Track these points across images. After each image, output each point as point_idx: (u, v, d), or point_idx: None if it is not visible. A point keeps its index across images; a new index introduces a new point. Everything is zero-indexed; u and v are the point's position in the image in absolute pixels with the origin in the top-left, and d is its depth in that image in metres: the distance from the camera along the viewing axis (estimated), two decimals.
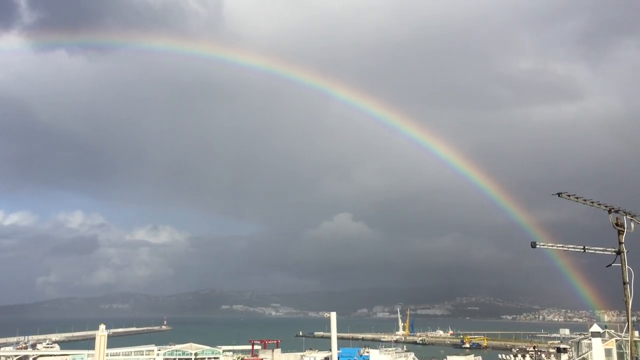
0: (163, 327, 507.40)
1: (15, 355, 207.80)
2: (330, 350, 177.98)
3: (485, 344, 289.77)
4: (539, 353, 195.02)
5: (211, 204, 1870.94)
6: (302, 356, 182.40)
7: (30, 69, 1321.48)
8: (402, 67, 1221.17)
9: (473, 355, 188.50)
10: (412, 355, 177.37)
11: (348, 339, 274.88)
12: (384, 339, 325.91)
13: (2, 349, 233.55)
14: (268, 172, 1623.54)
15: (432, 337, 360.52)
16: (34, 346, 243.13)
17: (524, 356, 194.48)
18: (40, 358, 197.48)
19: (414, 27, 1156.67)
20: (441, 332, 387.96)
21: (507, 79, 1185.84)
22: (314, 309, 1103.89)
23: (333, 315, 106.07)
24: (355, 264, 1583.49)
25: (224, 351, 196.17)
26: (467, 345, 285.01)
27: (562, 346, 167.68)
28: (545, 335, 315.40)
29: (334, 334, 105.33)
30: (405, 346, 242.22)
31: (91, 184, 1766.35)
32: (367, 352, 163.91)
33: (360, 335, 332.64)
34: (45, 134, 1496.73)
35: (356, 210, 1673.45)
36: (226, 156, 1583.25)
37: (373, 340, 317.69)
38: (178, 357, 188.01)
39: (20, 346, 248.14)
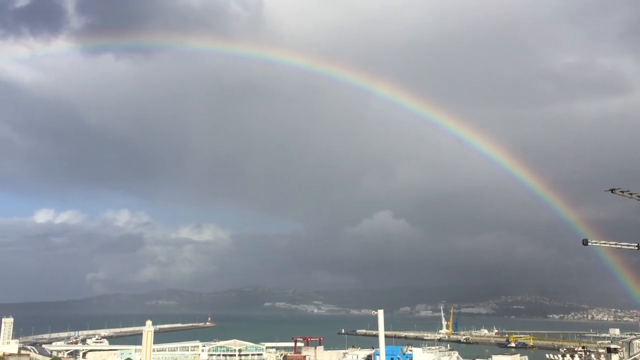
0: (207, 323, 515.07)
1: (67, 350, 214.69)
2: (372, 347, 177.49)
3: (531, 344, 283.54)
4: (588, 353, 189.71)
5: (253, 202, 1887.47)
6: (344, 354, 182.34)
7: (79, 73, 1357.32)
8: (442, 64, 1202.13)
9: (519, 354, 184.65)
10: (456, 354, 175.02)
11: (390, 337, 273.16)
12: (427, 338, 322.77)
13: (54, 343, 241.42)
14: (309, 170, 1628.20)
15: (476, 336, 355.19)
16: (84, 341, 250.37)
17: (572, 356, 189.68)
18: (90, 353, 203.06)
19: (454, 23, 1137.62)
20: (486, 331, 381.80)
21: (551, 73, 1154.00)
22: (356, 306, 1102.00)
23: (380, 313, 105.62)
24: (396, 262, 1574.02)
25: (267, 348, 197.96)
26: (513, 345, 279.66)
27: (612, 346, 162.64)
28: (595, 335, 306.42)
29: (381, 332, 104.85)
30: (448, 345, 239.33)
31: (137, 183, 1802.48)
32: (410, 351, 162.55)
33: (402, 334, 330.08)
34: (93, 136, 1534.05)
35: (397, 208, 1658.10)
36: (267, 154, 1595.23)
37: (416, 338, 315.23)
38: (222, 353, 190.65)
39: (71, 341, 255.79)
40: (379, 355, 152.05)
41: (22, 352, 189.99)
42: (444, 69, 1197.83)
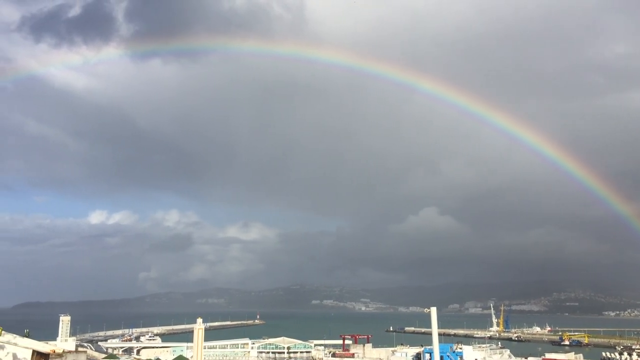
0: (256, 321, 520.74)
1: (121, 347, 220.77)
2: (421, 345, 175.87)
3: (586, 341, 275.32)
4: None
5: (299, 200, 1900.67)
6: (393, 351, 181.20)
7: (129, 78, 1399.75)
8: (488, 57, 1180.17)
9: (573, 353, 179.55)
10: (507, 352, 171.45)
11: (439, 334, 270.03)
12: (477, 335, 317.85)
13: (109, 340, 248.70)
14: (354, 167, 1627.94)
15: (528, 333, 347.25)
16: (137, 338, 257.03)
17: (630, 354, 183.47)
18: (143, 350, 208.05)
19: (499, 15, 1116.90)
20: (538, 329, 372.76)
21: (601, 65, 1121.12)
22: (404, 304, 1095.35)
23: (433, 311, 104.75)
24: (443, 259, 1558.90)
25: (315, 345, 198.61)
26: (567, 343, 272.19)
27: None
28: None
29: (435, 329, 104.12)
30: (499, 343, 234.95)
31: (185, 184, 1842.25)
32: (460, 349, 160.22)
33: (452, 331, 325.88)
34: (143, 139, 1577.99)
35: (443, 204, 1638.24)
36: (312, 153, 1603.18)
37: (466, 336, 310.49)
38: (271, 350, 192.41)
39: (126, 338, 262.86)
40: (428, 353, 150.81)
41: (80, 349, 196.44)
42: (489, 62, 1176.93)
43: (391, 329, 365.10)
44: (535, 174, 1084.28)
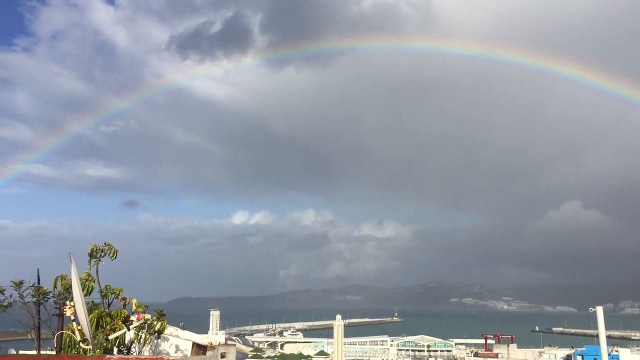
0: (394, 318, 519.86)
1: (266, 341, 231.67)
2: (572, 347, 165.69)
3: None
4: None
5: (432, 196, 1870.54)
6: (540, 353, 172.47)
7: (265, 86, 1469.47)
8: (633, 40, 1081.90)
9: None
10: None
11: (592, 336, 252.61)
12: (634, 337, 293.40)
13: (255, 335, 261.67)
14: (489, 162, 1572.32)
15: None
16: (281, 333, 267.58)
17: None
18: (286, 344, 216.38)
19: None
20: None
21: None
22: (550, 303, 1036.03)
23: (599, 310, 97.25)
24: (590, 255, 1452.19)
25: (456, 344, 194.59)
26: None
27: None
28: None
29: (602, 331, 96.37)
30: None
31: (320, 184, 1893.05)
32: (616, 351, 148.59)
33: (606, 333, 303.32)
34: (280, 143, 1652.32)
35: (587, 198, 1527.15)
36: (445, 148, 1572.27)
37: (622, 338, 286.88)
38: (411, 348, 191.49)
39: (270, 333, 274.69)
40: (580, 355, 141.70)
41: (229, 342, 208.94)
42: (635, 45, 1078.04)
43: (537, 329, 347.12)
44: None
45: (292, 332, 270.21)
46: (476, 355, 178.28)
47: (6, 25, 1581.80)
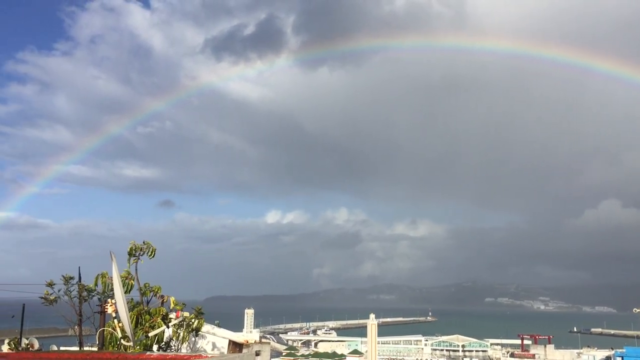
0: (428, 318, 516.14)
1: (300, 340, 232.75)
2: (611, 348, 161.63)
3: None
4: None
5: (466, 195, 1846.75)
6: (578, 354, 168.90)
7: (298, 86, 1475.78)
8: None
9: None
10: None
11: (633, 337, 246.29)
12: None
13: (289, 333, 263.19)
14: (523, 160, 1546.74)
15: None
16: (314, 332, 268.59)
17: None
18: (320, 343, 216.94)
19: None
20: None
21: None
22: (588, 303, 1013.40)
23: None
24: (630, 255, 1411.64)
25: (491, 344, 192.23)
26: None
27: None
28: None
29: None
30: None
31: (353, 183, 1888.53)
32: None
33: None
34: (312, 143, 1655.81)
35: (626, 196, 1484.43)
36: (478, 146, 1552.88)
37: None
38: (445, 348, 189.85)
39: (304, 331, 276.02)
40: (619, 357, 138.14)
41: (263, 340, 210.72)
42: None
43: (575, 330, 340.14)
44: None
45: (326, 330, 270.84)
46: (512, 355, 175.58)
47: (47, 30, 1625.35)
